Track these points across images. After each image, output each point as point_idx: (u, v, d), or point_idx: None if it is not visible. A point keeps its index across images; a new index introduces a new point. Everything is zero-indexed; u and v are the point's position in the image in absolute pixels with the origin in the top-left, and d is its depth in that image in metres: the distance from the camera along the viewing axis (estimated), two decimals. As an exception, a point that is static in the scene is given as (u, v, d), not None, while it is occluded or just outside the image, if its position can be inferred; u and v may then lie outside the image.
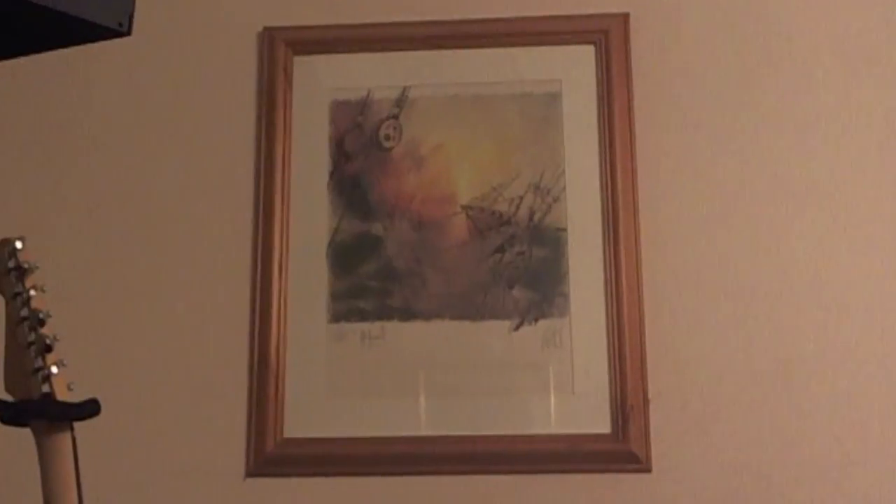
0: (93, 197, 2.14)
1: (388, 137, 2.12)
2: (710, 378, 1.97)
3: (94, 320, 2.06)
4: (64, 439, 1.31)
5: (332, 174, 2.11)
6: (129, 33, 1.40)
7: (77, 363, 1.33)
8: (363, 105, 2.13)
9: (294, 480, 1.99)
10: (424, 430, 1.99)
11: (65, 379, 1.32)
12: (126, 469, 2.00)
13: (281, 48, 2.16)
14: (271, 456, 1.99)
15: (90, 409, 1.33)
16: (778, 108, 2.08)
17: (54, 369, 1.31)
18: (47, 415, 1.30)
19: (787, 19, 2.12)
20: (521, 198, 2.06)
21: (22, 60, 1.45)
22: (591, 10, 2.12)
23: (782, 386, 1.96)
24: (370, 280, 2.06)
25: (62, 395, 1.31)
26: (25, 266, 1.33)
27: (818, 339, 1.98)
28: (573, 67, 2.11)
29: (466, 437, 1.97)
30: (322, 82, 2.15)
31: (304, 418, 2.01)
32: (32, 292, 1.32)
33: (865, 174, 2.04)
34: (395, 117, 2.12)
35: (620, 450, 1.94)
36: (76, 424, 1.32)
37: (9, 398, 1.32)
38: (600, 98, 2.08)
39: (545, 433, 1.97)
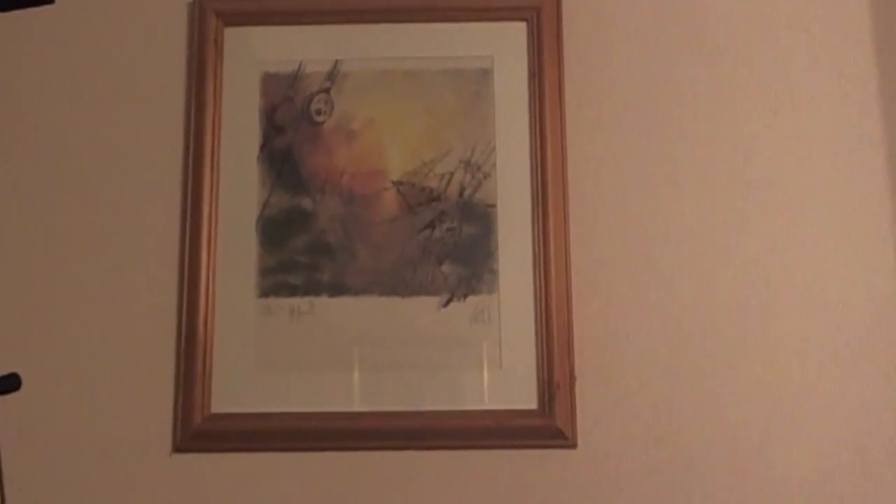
0: (17, 167, 2.10)
1: (319, 111, 2.10)
2: (636, 355, 1.99)
3: (14, 292, 2.03)
4: (-18, 414, 1.29)
5: (262, 147, 2.09)
6: (52, 1, 1.38)
7: (-3, 337, 1.32)
8: (294, 78, 2.11)
9: (222, 455, 1.98)
10: (355, 406, 1.99)
11: (-17, 353, 1.30)
12: (49, 445, 1.98)
13: (212, 19, 2.13)
14: (199, 431, 1.98)
15: (10, 383, 1.31)
16: (710, 88, 2.10)
17: (-28, 343, 1.29)
18: (-35, 389, 1.28)
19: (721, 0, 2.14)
20: (452, 174, 2.06)
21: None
22: (524, -13, 2.12)
23: (708, 364, 1.99)
24: (300, 255, 2.05)
25: (-19, 369, 1.29)
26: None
27: (746, 317, 2.01)
28: (505, 44, 2.10)
29: (396, 412, 1.97)
30: (253, 54, 2.13)
31: (232, 393, 2.00)
32: (-50, 265, 1.30)
33: (799, 152, 2.07)
34: (327, 91, 2.11)
35: (547, 426, 1.95)
36: (-5, 399, 1.31)
37: (-75, 372, 1.30)
38: (531, 75, 2.09)
39: (474, 409, 1.98)
